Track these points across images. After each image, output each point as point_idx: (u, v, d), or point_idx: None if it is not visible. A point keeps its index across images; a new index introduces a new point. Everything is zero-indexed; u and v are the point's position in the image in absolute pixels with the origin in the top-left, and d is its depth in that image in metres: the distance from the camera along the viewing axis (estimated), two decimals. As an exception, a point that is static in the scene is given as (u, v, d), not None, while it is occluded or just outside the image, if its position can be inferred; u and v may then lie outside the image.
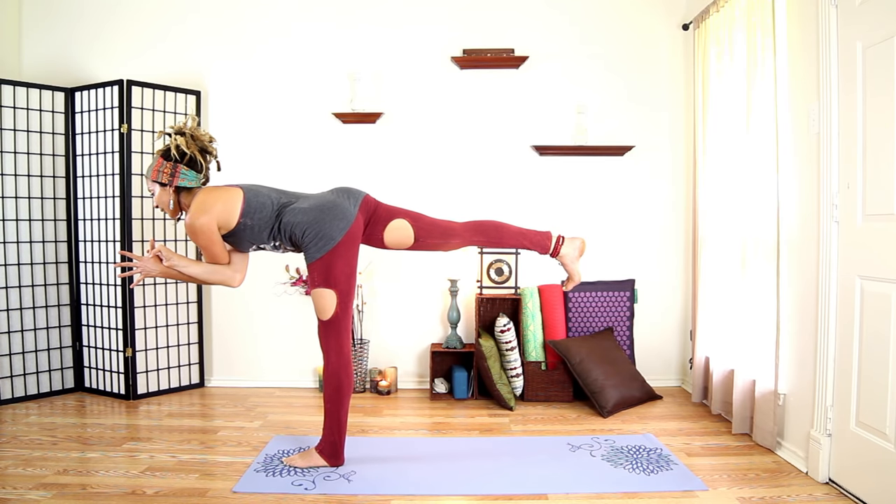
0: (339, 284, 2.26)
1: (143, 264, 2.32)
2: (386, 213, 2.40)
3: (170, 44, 3.61)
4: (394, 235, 2.38)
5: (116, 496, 2.15)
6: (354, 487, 2.23)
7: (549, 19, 3.60)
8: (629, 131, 3.61)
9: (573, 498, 2.16)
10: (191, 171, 2.29)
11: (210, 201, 2.23)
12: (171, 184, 2.26)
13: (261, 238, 2.31)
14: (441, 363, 3.57)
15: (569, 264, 2.44)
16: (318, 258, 2.24)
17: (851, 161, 2.15)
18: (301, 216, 2.26)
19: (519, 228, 2.44)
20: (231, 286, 2.39)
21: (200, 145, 2.32)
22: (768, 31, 2.55)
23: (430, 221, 2.41)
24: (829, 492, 2.20)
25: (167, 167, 2.26)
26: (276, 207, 2.30)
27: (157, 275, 2.33)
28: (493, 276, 3.54)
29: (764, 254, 2.63)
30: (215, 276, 2.35)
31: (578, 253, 2.42)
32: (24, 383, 3.32)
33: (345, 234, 2.25)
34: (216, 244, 2.27)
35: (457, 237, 2.40)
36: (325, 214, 2.26)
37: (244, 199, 2.26)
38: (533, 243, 2.42)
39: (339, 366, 2.31)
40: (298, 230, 2.26)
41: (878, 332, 2.03)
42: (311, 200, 2.33)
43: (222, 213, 2.23)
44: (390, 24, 3.61)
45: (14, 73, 3.54)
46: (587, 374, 3.15)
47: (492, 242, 2.44)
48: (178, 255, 2.32)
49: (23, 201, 3.32)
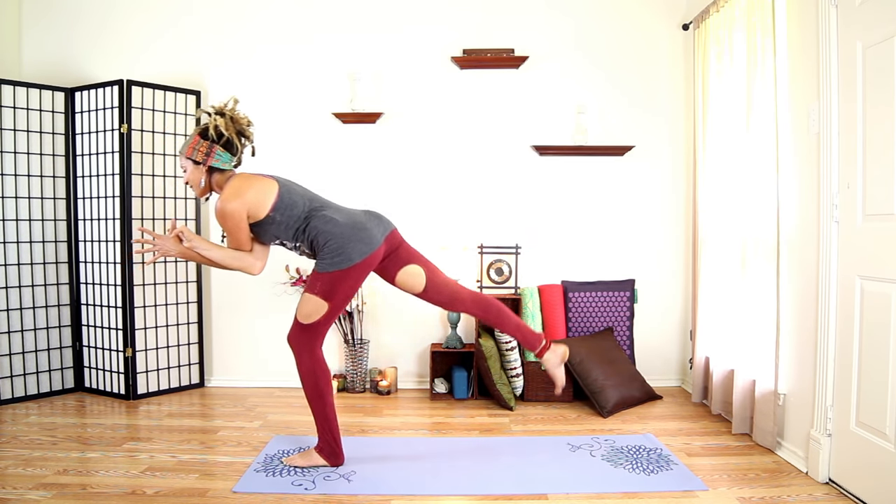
0: (335, 301, 2.27)
1: (162, 243, 2.30)
2: (406, 255, 2.42)
3: (170, 44, 3.61)
4: (406, 278, 2.41)
5: (116, 496, 2.15)
6: (354, 487, 2.23)
7: (549, 19, 3.60)
8: (629, 131, 3.61)
9: (573, 498, 2.16)
10: (226, 152, 2.29)
11: (245, 188, 2.23)
12: (204, 163, 2.27)
13: (285, 235, 2.31)
14: (441, 363, 3.57)
15: (550, 368, 2.51)
16: (329, 271, 2.24)
17: (851, 161, 2.15)
18: (330, 226, 2.26)
19: (518, 321, 2.50)
20: (251, 273, 2.36)
21: (238, 128, 2.32)
22: (768, 31, 2.55)
23: (443, 280, 2.46)
24: (829, 492, 2.20)
25: (203, 146, 2.27)
26: (306, 209, 2.30)
27: (175, 255, 2.32)
28: (494, 276, 3.54)
29: (764, 254, 2.63)
30: (236, 262, 2.32)
31: (559, 360, 2.50)
32: (24, 383, 3.32)
33: (363, 259, 2.25)
34: (242, 231, 2.26)
35: (461, 304, 2.46)
36: (353, 233, 2.25)
37: (278, 193, 2.26)
38: (524, 338, 2.49)
39: (313, 364, 2.31)
40: (322, 238, 2.26)
41: (878, 331, 2.03)
42: (342, 214, 2.32)
43: (254, 201, 2.22)
44: (390, 24, 3.61)
45: (14, 73, 3.54)
46: (587, 374, 3.15)
47: (489, 321, 2.49)
48: (199, 237, 2.31)
49: (23, 201, 3.32)
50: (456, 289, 2.46)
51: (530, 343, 2.48)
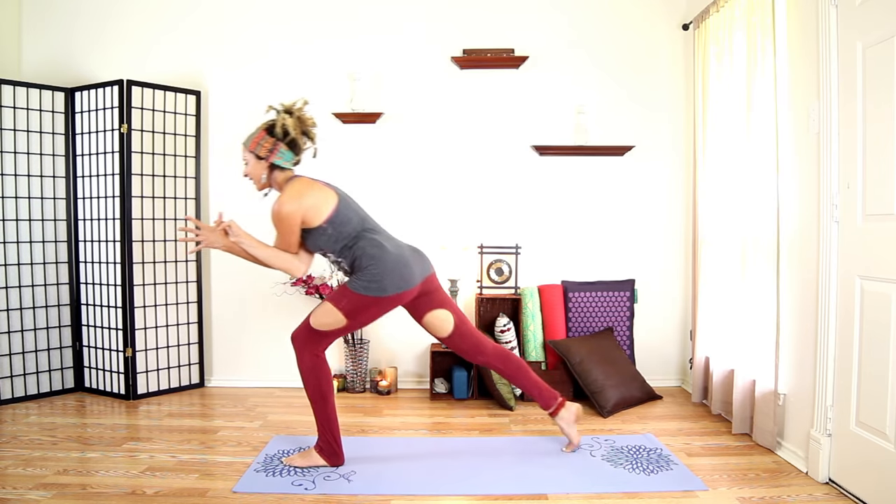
0: (354, 322, 2.30)
1: (208, 235, 2.30)
2: (439, 300, 2.46)
3: (170, 44, 3.61)
4: (434, 321, 2.46)
5: (116, 496, 2.15)
6: (354, 487, 2.23)
7: (550, 19, 3.60)
8: (629, 131, 3.61)
9: (573, 498, 2.16)
10: (289, 151, 2.31)
11: (305, 193, 2.24)
12: (267, 159, 2.28)
13: (332, 247, 2.31)
14: (441, 363, 3.57)
15: (565, 426, 2.57)
16: (360, 293, 2.25)
17: (851, 161, 2.15)
18: (377, 251, 2.26)
19: (537, 378, 2.56)
20: (294, 275, 2.36)
21: (304, 128, 2.34)
22: (768, 31, 2.55)
23: (470, 330, 2.51)
24: (829, 492, 2.20)
25: (268, 142, 2.28)
26: (358, 228, 2.30)
27: (219, 247, 2.32)
28: (493, 276, 3.54)
29: (764, 254, 2.63)
30: (280, 262, 2.31)
31: (574, 418, 2.56)
32: (24, 383, 3.32)
33: (397, 293, 2.27)
34: (294, 234, 2.26)
35: (483, 355, 2.52)
36: (396, 266, 2.26)
37: (336, 207, 2.26)
38: (540, 395, 2.54)
39: (315, 363, 2.33)
40: (366, 261, 2.26)
41: (878, 331, 2.03)
42: (391, 243, 2.33)
43: (311, 209, 2.23)
44: (390, 23, 3.61)
45: (14, 73, 3.54)
46: (587, 374, 3.15)
47: (509, 376, 2.55)
48: (246, 233, 2.30)
49: (23, 201, 3.32)
50: (480, 339, 2.51)
51: (546, 401, 2.53)
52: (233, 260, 3.63)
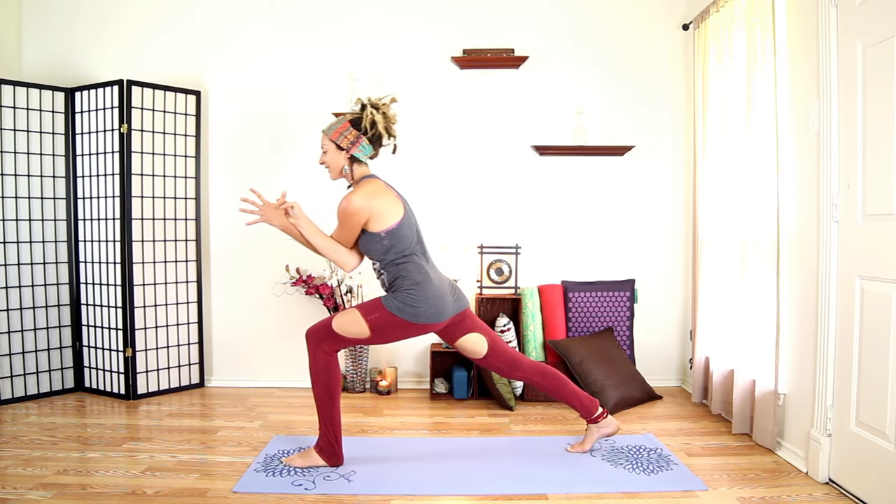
0: (378, 337, 2.32)
1: (268, 211, 2.31)
2: (471, 324, 2.48)
3: (170, 44, 3.61)
4: (467, 345, 2.48)
5: (116, 496, 2.15)
6: (354, 487, 2.23)
7: (550, 19, 3.60)
8: (629, 131, 3.61)
9: (573, 498, 2.16)
10: (370, 145, 2.33)
11: (379, 197, 2.25)
12: (348, 150, 2.30)
13: (381, 257, 2.31)
14: (441, 363, 3.57)
15: (595, 434, 2.57)
16: (392, 313, 2.27)
17: (851, 161, 2.15)
18: (421, 279, 2.28)
19: (577, 389, 2.55)
20: (344, 268, 2.37)
21: (386, 125, 2.34)
22: (768, 31, 2.55)
23: (503, 348, 2.52)
24: (829, 492, 2.20)
25: (351, 134, 2.30)
26: (411, 248, 2.31)
27: (276, 225, 2.33)
28: (493, 276, 3.54)
29: (764, 254, 2.63)
30: (333, 253, 2.32)
31: (609, 431, 2.57)
32: (24, 383, 3.32)
33: (424, 323, 2.29)
34: (354, 230, 2.27)
35: (522, 372, 2.52)
36: (433, 298, 2.29)
37: (400, 220, 2.27)
38: (582, 405, 2.53)
39: (328, 363, 2.33)
40: (407, 283, 2.28)
41: (878, 332, 2.03)
42: (436, 274, 2.36)
43: (377, 214, 2.23)
44: (390, 24, 3.61)
45: (14, 73, 3.54)
46: (587, 374, 3.15)
47: (548, 389, 2.53)
48: (306, 217, 2.30)
49: (23, 201, 3.32)
50: (516, 356, 2.53)
51: (587, 409, 2.53)
52: (232, 260, 3.64)
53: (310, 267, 3.56)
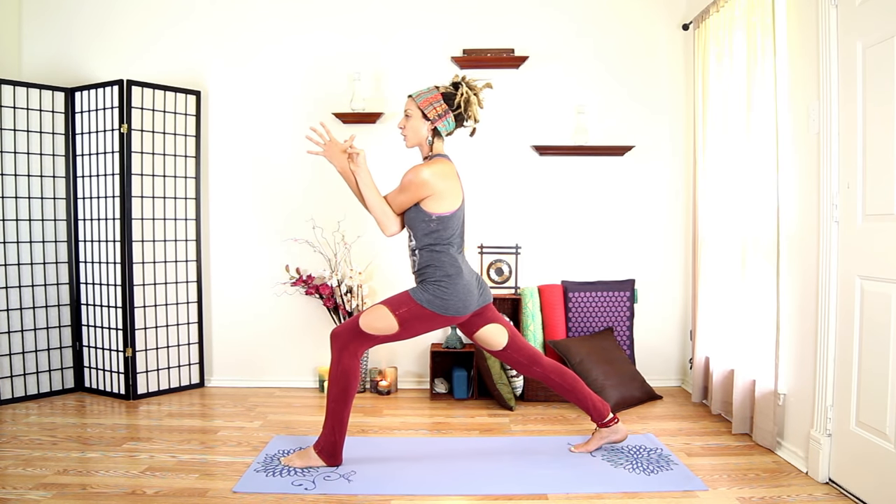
0: (406, 331, 2.32)
1: (332, 148, 2.35)
2: (492, 315, 2.50)
3: (170, 44, 3.61)
4: (487, 336, 2.49)
5: (116, 496, 2.15)
6: (354, 487, 2.23)
7: (549, 19, 3.60)
8: (629, 131, 3.61)
9: (573, 498, 2.16)
10: (454, 122, 2.34)
11: (447, 178, 2.27)
12: (434, 121, 2.32)
13: (421, 238, 2.31)
14: (441, 363, 3.57)
15: (602, 438, 2.57)
16: (421, 305, 2.27)
17: (851, 161, 2.15)
18: (452, 271, 2.29)
19: (591, 393, 2.56)
20: (384, 231, 2.38)
21: (475, 108, 2.36)
22: (768, 31, 2.55)
23: (524, 342, 2.55)
24: (829, 492, 2.20)
25: (441, 107, 2.32)
26: (452, 239, 2.32)
27: (335, 164, 2.35)
28: (494, 276, 3.54)
29: (764, 254, 2.63)
30: (380, 213, 2.34)
31: (617, 438, 2.57)
32: (24, 383, 3.32)
33: (447, 315, 2.30)
34: (410, 201, 2.28)
35: (540, 367, 2.53)
36: (462, 292, 2.30)
37: (455, 211, 2.29)
38: (595, 407, 2.54)
39: (350, 368, 2.32)
40: (438, 273, 2.29)
41: (878, 332, 2.03)
42: (467, 268, 2.37)
43: (439, 195, 2.25)
44: (390, 24, 3.61)
45: (14, 73, 3.54)
46: (587, 374, 3.15)
47: (563, 389, 2.54)
48: (367, 169, 2.33)
49: (23, 201, 3.32)
50: (535, 352, 2.54)
51: (599, 413, 2.54)
52: (232, 260, 3.64)
53: (310, 267, 3.57)
